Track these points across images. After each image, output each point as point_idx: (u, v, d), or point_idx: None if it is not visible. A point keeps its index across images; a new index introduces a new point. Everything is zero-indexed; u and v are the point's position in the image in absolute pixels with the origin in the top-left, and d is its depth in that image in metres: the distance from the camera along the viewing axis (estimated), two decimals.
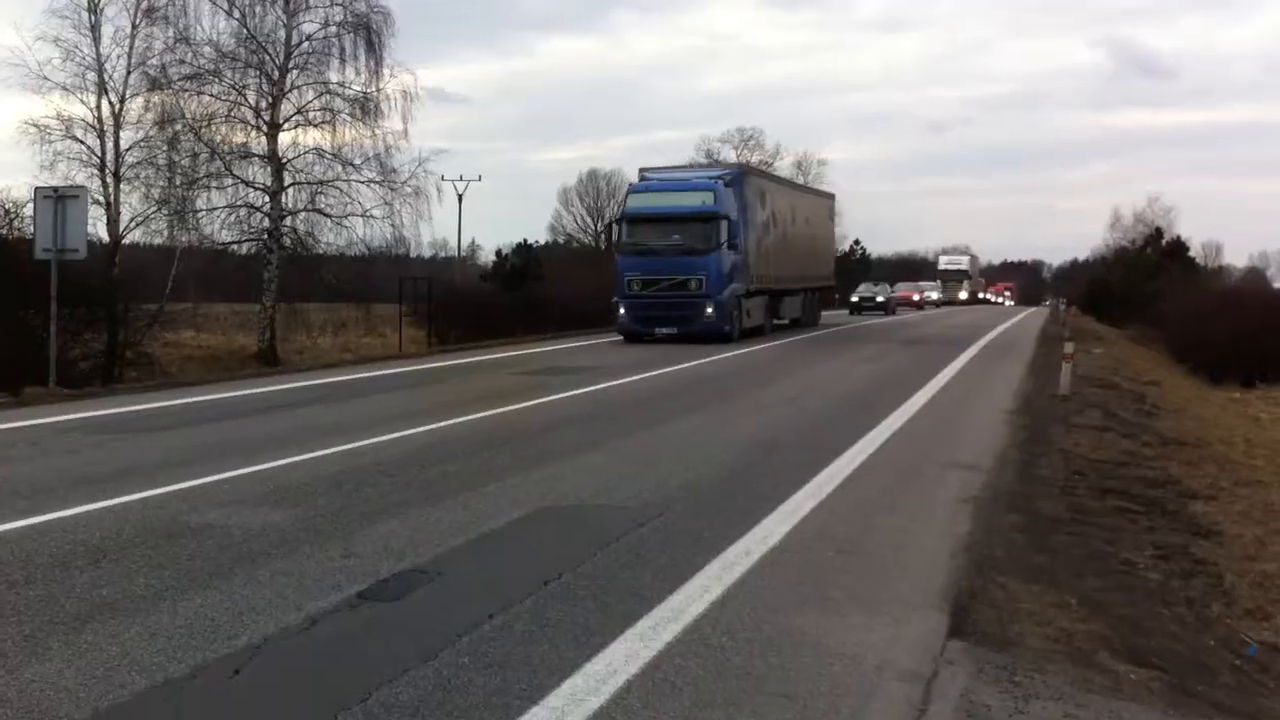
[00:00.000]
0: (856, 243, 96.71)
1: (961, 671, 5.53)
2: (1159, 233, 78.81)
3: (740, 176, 32.52)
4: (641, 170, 34.51)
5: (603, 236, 76.40)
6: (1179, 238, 76.18)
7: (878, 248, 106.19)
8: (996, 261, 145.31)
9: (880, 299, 59.81)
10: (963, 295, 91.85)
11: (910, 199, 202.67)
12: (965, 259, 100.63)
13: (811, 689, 5.17)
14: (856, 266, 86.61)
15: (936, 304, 79.21)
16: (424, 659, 5.36)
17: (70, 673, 5.19)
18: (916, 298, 73.40)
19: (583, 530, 8.24)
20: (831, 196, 47.38)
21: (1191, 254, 75.91)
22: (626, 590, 6.58)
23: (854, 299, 59.69)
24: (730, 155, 79.16)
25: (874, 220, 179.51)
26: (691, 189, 30.49)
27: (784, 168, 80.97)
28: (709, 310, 29.18)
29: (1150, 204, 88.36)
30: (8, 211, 24.14)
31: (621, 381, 18.75)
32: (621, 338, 30.58)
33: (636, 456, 11.24)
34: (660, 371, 21.05)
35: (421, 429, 12.95)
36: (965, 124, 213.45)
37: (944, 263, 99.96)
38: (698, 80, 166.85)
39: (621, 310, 30.10)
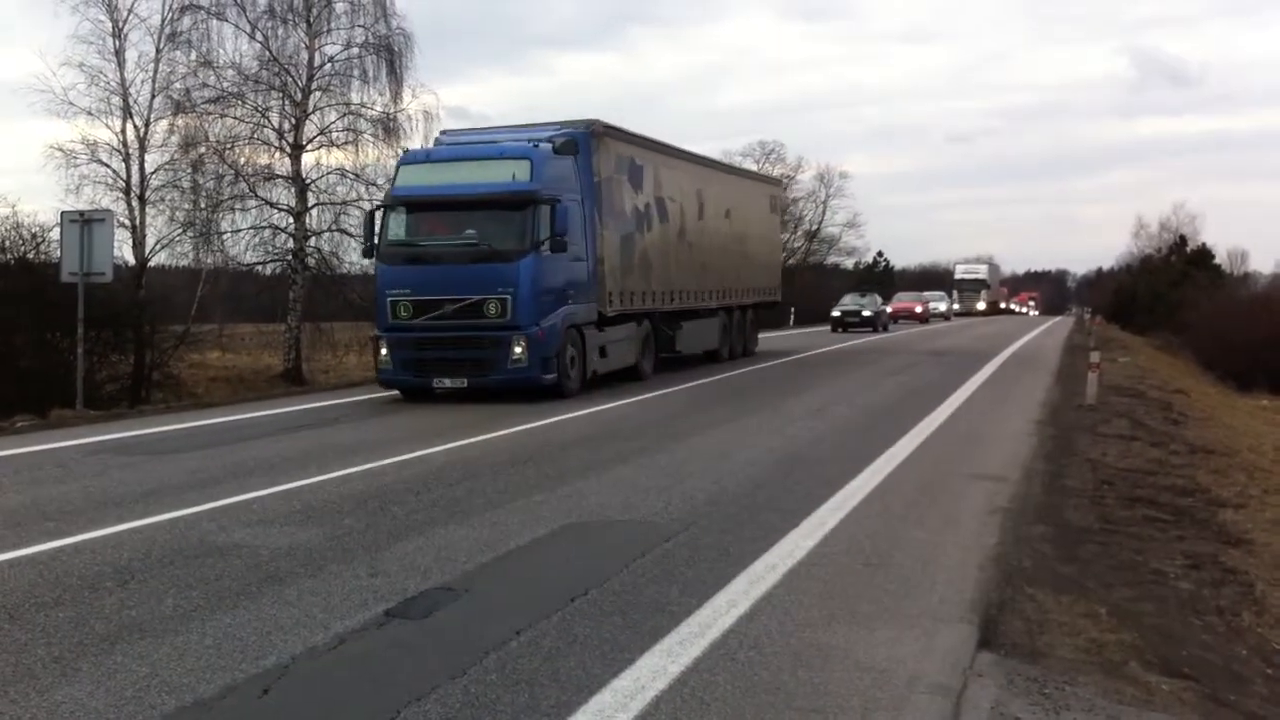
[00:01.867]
0: (880, 255, 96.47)
1: (992, 684, 5.50)
2: (1183, 240, 78.67)
3: (586, 140, 20.17)
4: (441, 133, 23.16)
5: None
6: (1204, 245, 76.18)
7: (901, 260, 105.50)
8: (1020, 271, 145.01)
9: (868, 312, 48.51)
10: (980, 306, 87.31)
11: (933, 210, 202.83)
12: (983, 268, 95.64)
13: (841, 703, 5.15)
14: (880, 279, 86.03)
15: (946, 316, 71.94)
16: (452, 676, 5.36)
17: (100, 694, 5.20)
18: (919, 309, 64.21)
19: (608, 546, 8.23)
20: (776, 183, 36.86)
21: (1217, 261, 75.74)
22: (653, 605, 6.57)
23: (835, 313, 49.24)
24: (752, 169, 78.49)
25: (897, 232, 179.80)
26: (493, 156, 19.01)
27: (806, 181, 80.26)
28: (516, 350, 18.00)
29: (1175, 211, 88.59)
30: (34, 235, 24.37)
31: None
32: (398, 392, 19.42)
33: None
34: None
35: (444, 447, 12.97)
36: (988, 134, 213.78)
37: (960, 272, 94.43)
38: (717, 95, 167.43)
39: (384, 350, 18.83)
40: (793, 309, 53.78)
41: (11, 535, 8.48)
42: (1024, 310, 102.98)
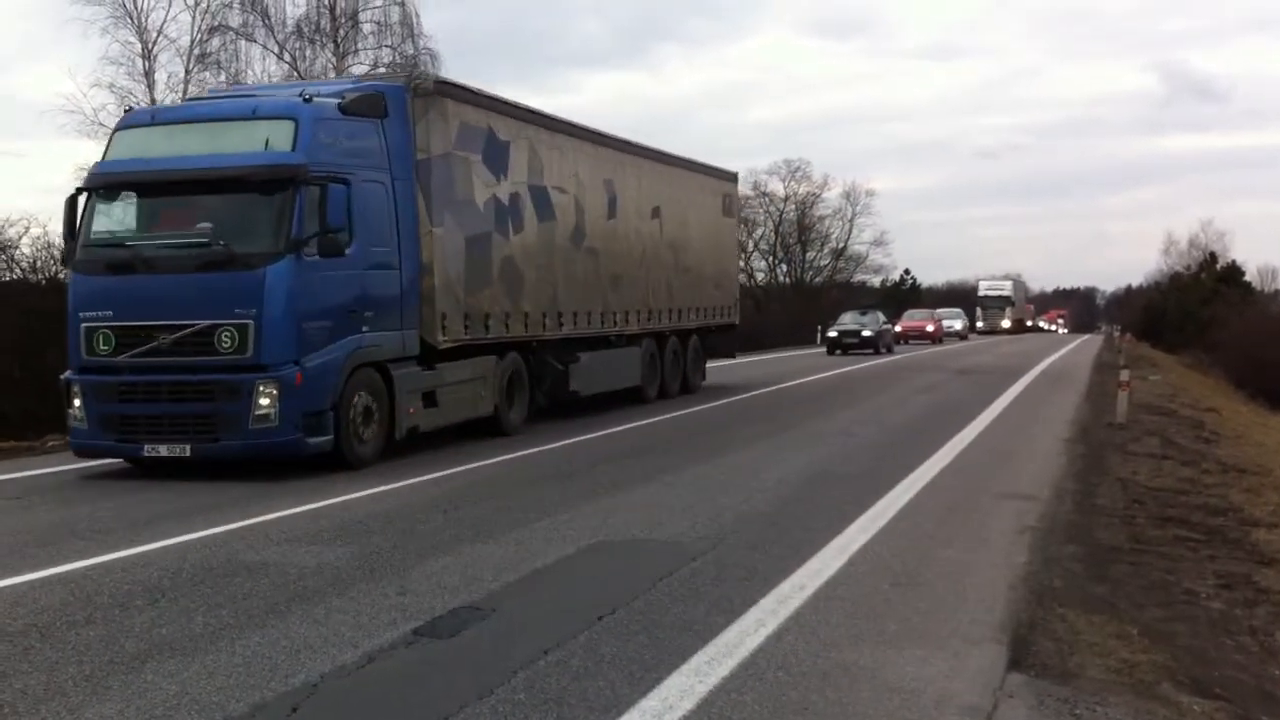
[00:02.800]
0: (907, 272, 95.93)
1: (1022, 705, 5.46)
2: (1213, 257, 78.26)
3: (401, 98, 14.41)
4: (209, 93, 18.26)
5: None
6: (1234, 262, 75.70)
7: (928, 278, 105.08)
8: (1049, 289, 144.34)
9: (868, 332, 42.78)
10: (1005, 324, 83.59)
11: (961, 227, 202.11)
12: (1007, 284, 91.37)
13: None
14: (907, 297, 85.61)
15: (963, 336, 66.70)
16: (480, 695, 5.36)
17: (130, 712, 5.23)
18: (931, 328, 57.98)
19: (636, 564, 8.23)
20: (730, 178, 26.84)
21: (1247, 278, 75.24)
22: (681, 625, 6.56)
23: (831, 333, 43.89)
24: (778, 187, 78.21)
25: (924, 250, 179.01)
26: (243, 116, 13.36)
27: (832, 198, 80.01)
28: (262, 402, 12.22)
29: (1204, 228, 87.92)
30: (54, 258, 24.58)
31: None
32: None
33: None
34: None
35: (473, 465, 13.00)
36: (1016, 151, 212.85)
37: (984, 288, 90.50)
38: (743, 112, 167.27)
39: (76, 400, 12.87)
40: (819, 328, 53.19)
41: (43, 554, 8.54)
42: (1052, 328, 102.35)
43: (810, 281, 78.55)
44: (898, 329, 53.46)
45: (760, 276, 79.73)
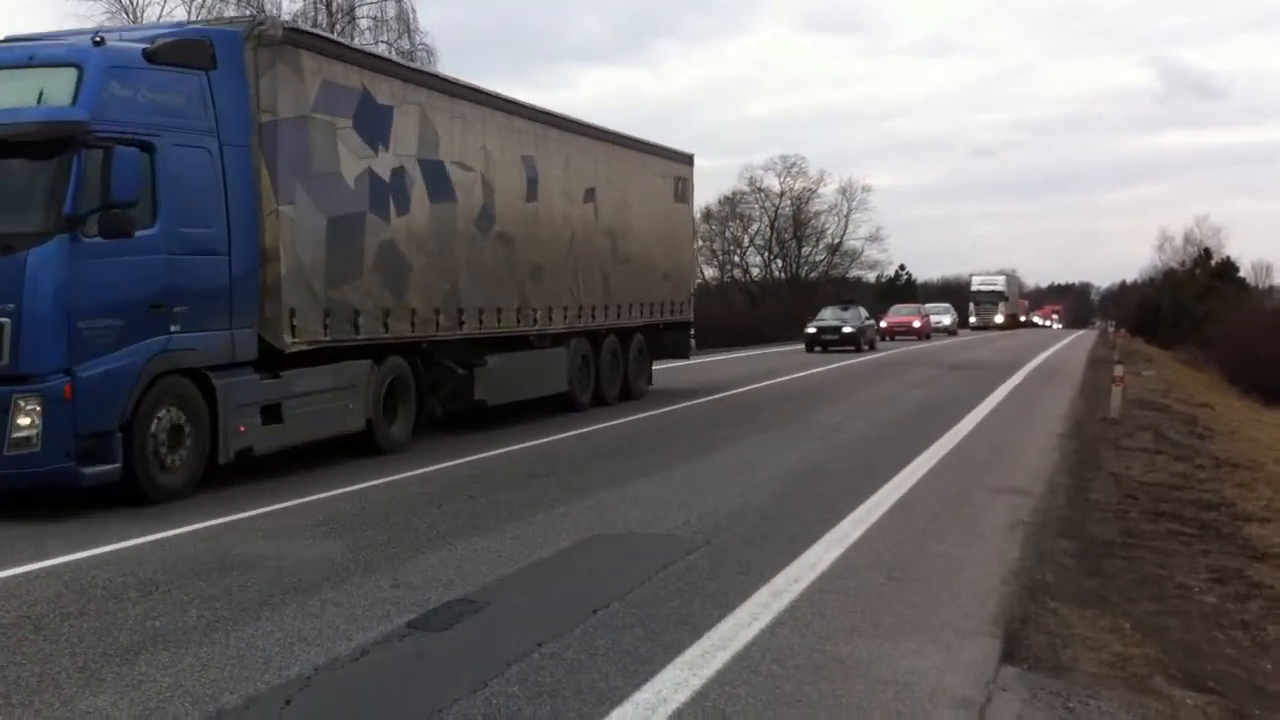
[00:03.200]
0: (902, 268, 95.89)
1: (1015, 698, 5.47)
2: (1208, 253, 78.41)
3: (236, 46, 11.74)
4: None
5: None
6: (1228, 258, 75.86)
7: (923, 273, 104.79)
8: (1044, 284, 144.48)
9: (848, 329, 40.57)
10: (998, 319, 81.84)
11: (957, 223, 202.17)
12: (1000, 279, 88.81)
13: (863, 717, 5.14)
14: (902, 293, 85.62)
15: (951, 331, 64.50)
16: (474, 688, 5.37)
17: (124, 704, 5.23)
18: (917, 324, 56.28)
19: (631, 558, 8.24)
20: (684, 160, 23.52)
21: (1241, 274, 75.36)
22: (675, 618, 6.57)
23: (809, 329, 41.61)
24: (774, 183, 78.15)
25: (920, 246, 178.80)
26: (16, 63, 10.60)
27: (828, 194, 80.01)
28: (21, 421, 9.62)
29: (1198, 224, 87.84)
30: None
31: None
32: None
33: None
34: None
35: (468, 459, 13.00)
36: (1012, 147, 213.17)
37: (977, 283, 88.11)
38: (740, 108, 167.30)
39: None
40: None
41: (37, 546, 8.52)
42: (1047, 324, 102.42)
43: (806, 277, 78.65)
44: (883, 324, 52.34)
45: (756, 272, 79.97)
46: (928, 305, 65.62)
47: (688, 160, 23.55)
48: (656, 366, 22.36)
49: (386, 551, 8.30)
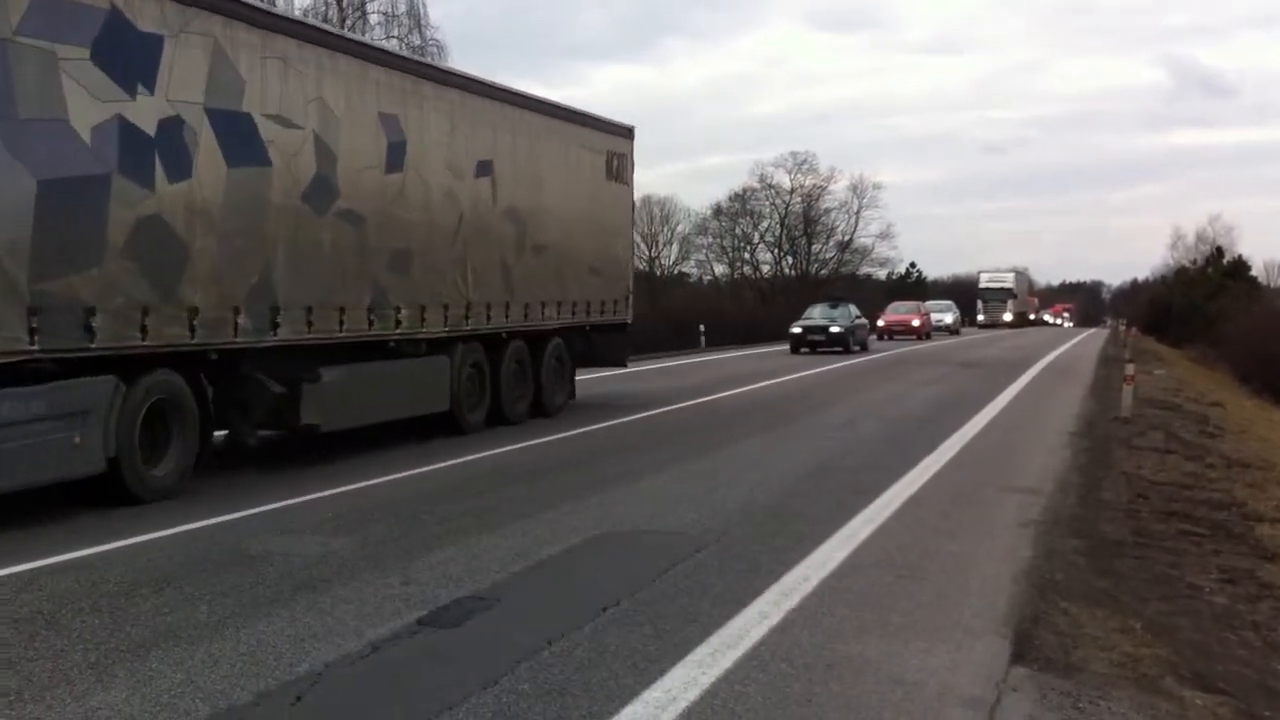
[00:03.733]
0: (912, 265, 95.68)
1: (1025, 698, 5.47)
2: (1220, 252, 78.13)
3: None
4: None
5: (657, 263, 74.90)
6: (1240, 257, 75.64)
7: (934, 271, 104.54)
8: (1055, 283, 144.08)
9: (836, 328, 37.04)
10: (1007, 317, 79.91)
11: (967, 221, 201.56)
12: (1009, 275, 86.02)
13: (873, 716, 5.13)
14: (912, 290, 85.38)
15: (954, 330, 60.44)
16: (484, 686, 5.38)
17: (136, 700, 5.24)
18: (916, 323, 51.73)
19: (640, 556, 8.24)
20: (621, 132, 19.83)
21: (1253, 273, 75.15)
22: (685, 616, 6.57)
23: (794, 329, 37.92)
24: (784, 180, 78.13)
25: (930, 243, 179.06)
26: None
27: (839, 191, 79.90)
28: None
29: (1211, 223, 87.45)
30: None
31: None
32: None
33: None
34: None
35: (477, 456, 13.01)
36: (1022, 145, 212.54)
37: (985, 280, 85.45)
38: (749, 105, 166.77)
39: None
40: None
41: (49, 541, 8.54)
42: (1058, 322, 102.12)
43: (816, 274, 78.59)
44: (880, 323, 50.16)
45: (766, 269, 79.96)
46: (928, 302, 61.41)
47: (626, 133, 19.78)
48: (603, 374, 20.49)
49: (396, 548, 8.31)
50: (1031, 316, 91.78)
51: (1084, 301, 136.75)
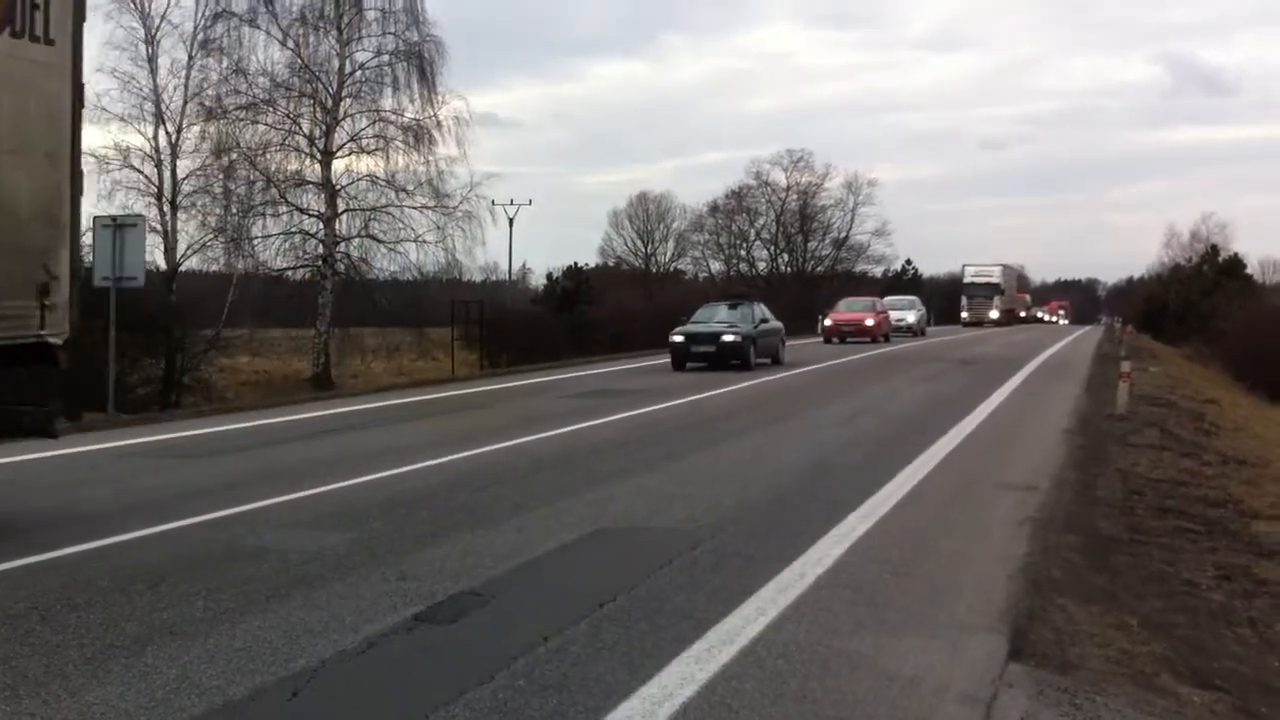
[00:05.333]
0: (908, 262, 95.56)
1: (1021, 694, 5.46)
2: (1215, 250, 78.11)
3: None
4: None
5: (653, 259, 75.02)
6: (1235, 255, 75.54)
7: (930, 268, 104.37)
8: (1051, 280, 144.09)
9: (732, 337, 27.64)
10: (993, 314, 75.53)
11: (964, 218, 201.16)
12: (996, 270, 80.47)
13: (869, 712, 5.13)
14: (908, 287, 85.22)
15: (917, 330, 52.28)
16: (480, 681, 5.37)
17: (131, 695, 5.23)
18: (870, 322, 42.68)
19: (636, 552, 8.23)
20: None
21: (1249, 271, 75.13)
22: (681, 612, 6.57)
23: (675, 338, 28.56)
24: (780, 177, 78.14)
25: (927, 240, 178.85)
26: None
27: (834, 188, 79.82)
28: None
29: (1205, 220, 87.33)
30: None
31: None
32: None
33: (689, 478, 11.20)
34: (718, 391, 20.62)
35: (473, 452, 13.00)
36: (1020, 142, 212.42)
37: (970, 274, 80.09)
38: (747, 101, 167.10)
39: None
40: (819, 318, 52.47)
41: (44, 537, 8.53)
42: (1054, 319, 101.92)
43: (812, 271, 78.66)
44: (826, 323, 42.99)
45: (762, 266, 79.99)
46: (887, 298, 53.68)
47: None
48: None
49: (392, 544, 8.30)
50: (1023, 314, 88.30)
51: (1079, 299, 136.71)
